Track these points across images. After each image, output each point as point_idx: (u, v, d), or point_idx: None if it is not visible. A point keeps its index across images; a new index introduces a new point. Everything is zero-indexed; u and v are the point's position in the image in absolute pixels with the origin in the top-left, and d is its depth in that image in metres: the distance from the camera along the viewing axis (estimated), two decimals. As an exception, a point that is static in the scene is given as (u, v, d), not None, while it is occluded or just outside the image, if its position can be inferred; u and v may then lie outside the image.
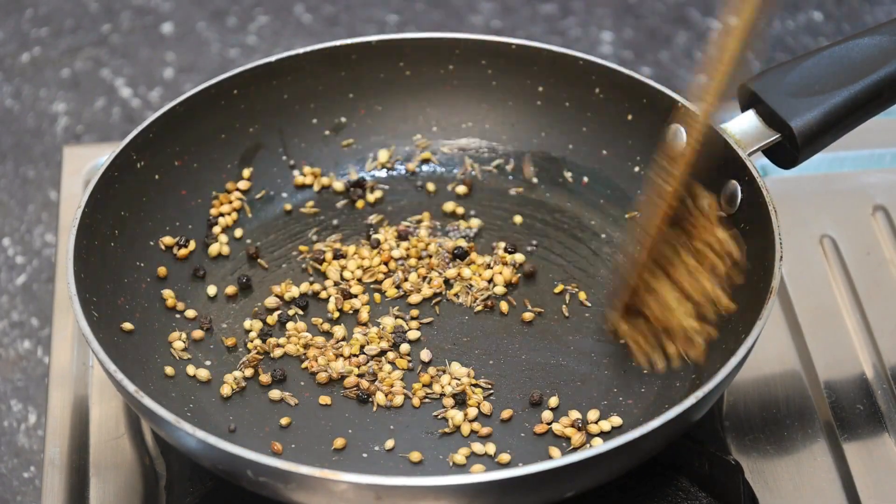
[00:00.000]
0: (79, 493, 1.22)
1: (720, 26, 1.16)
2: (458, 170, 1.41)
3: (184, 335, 1.27)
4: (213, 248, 1.34)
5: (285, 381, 1.24)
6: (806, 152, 1.26)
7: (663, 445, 1.13)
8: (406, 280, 1.32)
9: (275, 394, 1.23)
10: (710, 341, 1.22)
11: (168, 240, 1.32)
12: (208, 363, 1.25)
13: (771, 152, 1.28)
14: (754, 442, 1.25)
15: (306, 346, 1.27)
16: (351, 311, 1.30)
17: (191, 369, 1.24)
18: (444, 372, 1.25)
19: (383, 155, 1.41)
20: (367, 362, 1.26)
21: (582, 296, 1.31)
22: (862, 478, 1.22)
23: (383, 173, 1.41)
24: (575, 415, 1.21)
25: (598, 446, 1.06)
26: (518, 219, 1.38)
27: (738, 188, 1.26)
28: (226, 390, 1.23)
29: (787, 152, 1.26)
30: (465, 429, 1.21)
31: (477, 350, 1.27)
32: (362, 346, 1.27)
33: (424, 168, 1.42)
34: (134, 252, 1.28)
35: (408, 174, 1.41)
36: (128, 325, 1.24)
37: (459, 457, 1.19)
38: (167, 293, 1.29)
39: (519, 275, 1.33)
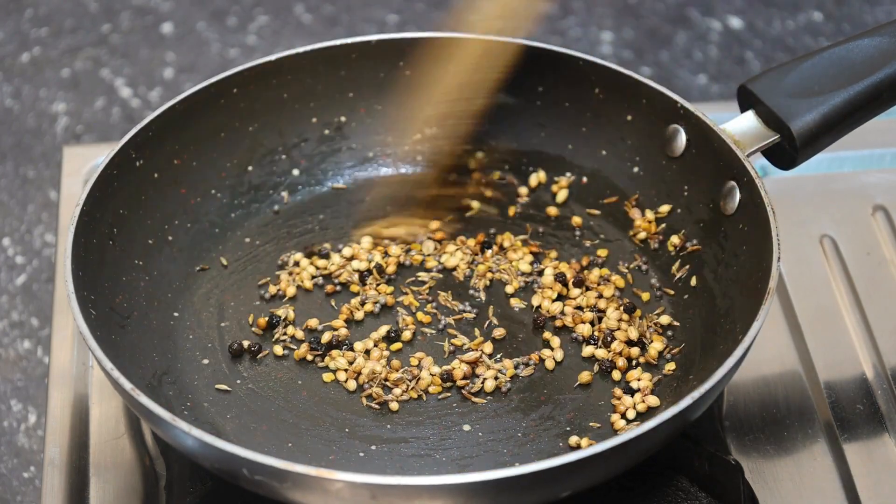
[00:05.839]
0: (79, 493, 1.22)
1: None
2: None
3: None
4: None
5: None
6: (805, 153, 1.26)
7: (661, 445, 1.13)
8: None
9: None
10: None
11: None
12: (206, 362, 1.26)
13: (770, 153, 1.28)
14: (754, 442, 1.24)
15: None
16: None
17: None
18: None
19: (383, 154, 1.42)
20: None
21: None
22: (862, 478, 1.22)
23: (383, 173, 1.42)
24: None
25: (596, 445, 1.06)
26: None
27: (737, 189, 1.26)
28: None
29: (786, 153, 1.26)
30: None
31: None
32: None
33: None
34: (133, 251, 1.28)
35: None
36: (126, 324, 1.24)
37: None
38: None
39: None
